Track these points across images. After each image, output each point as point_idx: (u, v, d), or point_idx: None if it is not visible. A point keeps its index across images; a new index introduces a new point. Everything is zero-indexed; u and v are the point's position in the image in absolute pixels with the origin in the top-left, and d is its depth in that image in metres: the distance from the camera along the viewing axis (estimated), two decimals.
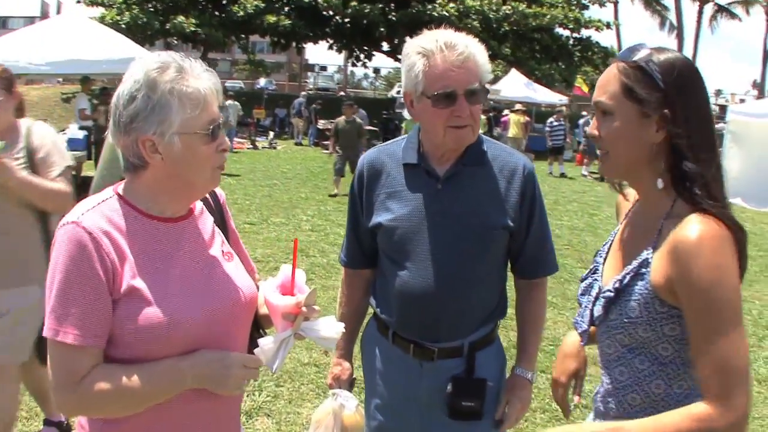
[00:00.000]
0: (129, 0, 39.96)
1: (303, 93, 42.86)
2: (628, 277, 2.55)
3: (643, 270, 2.50)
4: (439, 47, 3.14)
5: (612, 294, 2.58)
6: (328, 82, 76.48)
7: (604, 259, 2.88)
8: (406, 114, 20.54)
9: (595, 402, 2.91)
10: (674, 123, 2.43)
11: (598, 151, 2.68)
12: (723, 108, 52.55)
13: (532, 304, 3.68)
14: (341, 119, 21.67)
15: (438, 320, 3.40)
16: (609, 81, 2.55)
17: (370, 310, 3.81)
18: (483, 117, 31.70)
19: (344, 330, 2.68)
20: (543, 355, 8.40)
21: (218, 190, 2.98)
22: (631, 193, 2.91)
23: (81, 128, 19.95)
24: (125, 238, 2.46)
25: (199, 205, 2.78)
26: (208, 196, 2.90)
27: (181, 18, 39.39)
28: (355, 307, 3.85)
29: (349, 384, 3.82)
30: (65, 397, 2.40)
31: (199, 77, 2.48)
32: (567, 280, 11.92)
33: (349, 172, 19.50)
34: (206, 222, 2.78)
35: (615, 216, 3.09)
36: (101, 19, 35.07)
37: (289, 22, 40.61)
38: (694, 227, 2.34)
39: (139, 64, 2.47)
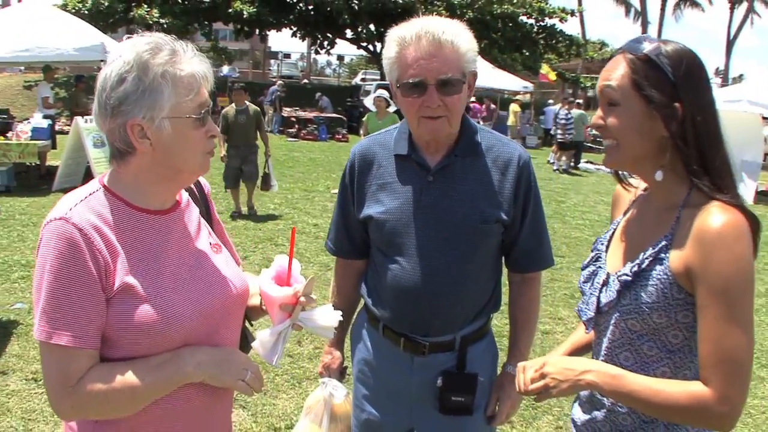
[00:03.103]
0: None
1: (280, 82, 42.42)
2: (646, 262, 2.52)
3: (662, 255, 2.49)
4: (414, 35, 3.04)
5: (629, 278, 2.55)
6: (292, 69, 76.09)
7: (606, 248, 2.86)
8: (370, 105, 17.82)
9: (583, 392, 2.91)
10: (683, 116, 2.41)
11: (605, 142, 2.63)
12: None
13: (524, 300, 3.61)
14: (230, 108, 15.87)
15: (430, 315, 3.34)
16: (617, 73, 2.51)
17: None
18: None
19: (342, 318, 2.64)
20: None
21: (203, 181, 2.91)
22: (633, 186, 2.91)
23: (45, 117, 19.74)
24: (115, 232, 2.36)
25: (185, 196, 2.69)
26: (193, 187, 2.83)
27: (142, 11, 39.18)
28: (346, 297, 3.78)
29: (340, 373, 3.81)
30: (62, 401, 2.31)
31: (191, 61, 2.40)
32: None
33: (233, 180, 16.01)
34: (192, 214, 2.69)
35: (612, 206, 3.08)
36: (64, 6, 34.84)
37: (254, 9, 40.32)
38: (717, 217, 2.34)
39: (129, 44, 2.37)
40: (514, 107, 33.34)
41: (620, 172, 2.89)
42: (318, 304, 2.64)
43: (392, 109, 15.92)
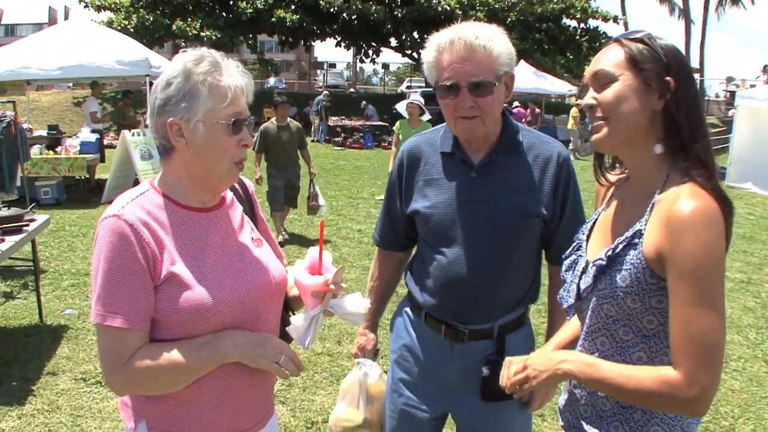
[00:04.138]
0: (136, 3, 40.17)
1: (325, 92, 42.44)
2: (620, 246, 2.55)
3: (636, 240, 2.51)
4: (448, 41, 3.21)
5: (604, 262, 2.58)
6: (338, 79, 76.37)
7: (588, 237, 2.91)
8: (402, 110, 16.14)
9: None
10: (675, 92, 2.46)
11: (596, 123, 2.62)
12: (733, 94, 52.41)
13: None
14: (270, 125, 13.92)
15: (470, 304, 3.49)
16: (610, 53, 2.57)
17: (404, 290, 3.89)
18: None
19: (370, 306, 2.85)
20: None
21: (248, 182, 3.20)
22: (610, 179, 2.94)
23: (93, 131, 20.15)
24: (163, 227, 2.63)
25: (229, 195, 2.97)
26: (238, 187, 3.11)
27: (181, 22, 39.56)
28: (385, 284, 4.00)
29: (374, 354, 3.99)
30: (114, 377, 2.57)
31: (232, 74, 2.65)
32: None
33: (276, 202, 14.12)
34: (236, 211, 2.96)
35: (596, 201, 3.09)
36: (109, 24, 35.31)
37: (297, 17, 40.58)
38: (687, 203, 2.35)
39: (181, 56, 2.67)
40: (573, 112, 33.36)
41: (602, 164, 2.91)
42: (348, 292, 2.84)
43: (426, 117, 15.25)
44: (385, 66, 67.73)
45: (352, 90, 62.80)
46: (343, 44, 48.06)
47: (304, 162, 14.28)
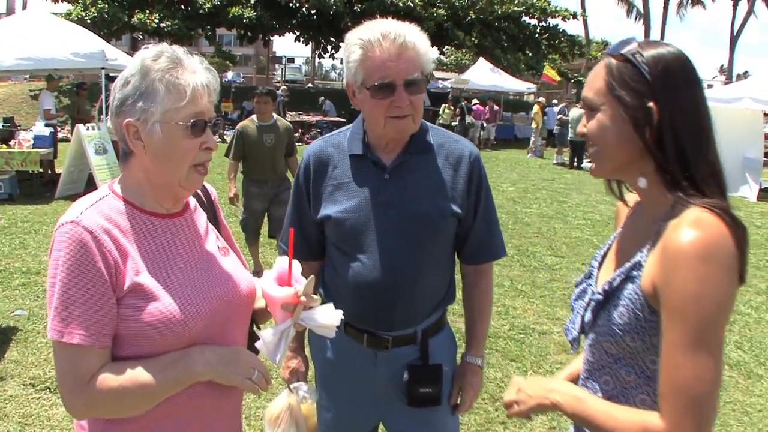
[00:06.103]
0: None
1: (283, 87, 42.23)
2: (618, 280, 2.37)
3: (635, 273, 2.31)
4: (377, 38, 3.11)
5: (601, 297, 2.41)
6: (296, 74, 76.42)
7: (600, 264, 2.70)
8: None
9: None
10: (660, 118, 2.24)
11: (589, 150, 2.48)
12: None
13: (478, 290, 3.72)
14: (249, 123, 10.59)
15: (392, 309, 3.41)
16: (596, 77, 2.40)
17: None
18: (455, 110, 32.06)
19: (343, 317, 2.67)
20: (513, 343, 8.53)
21: (210, 187, 3.02)
22: (631, 198, 2.70)
23: (47, 125, 19.85)
24: (125, 235, 2.45)
25: (192, 201, 2.79)
26: (200, 193, 2.93)
27: (141, 15, 39.35)
28: None
29: (306, 376, 3.84)
30: (74, 399, 2.37)
31: (194, 72, 2.49)
32: (536, 268, 11.99)
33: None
34: (200, 218, 2.80)
35: (616, 222, 2.86)
36: (68, 16, 35.00)
37: (255, 14, 40.49)
38: (688, 231, 2.10)
39: (141, 52, 2.50)
40: (535, 110, 33.49)
41: (612, 186, 2.66)
42: (319, 304, 2.68)
43: None
44: None
45: (310, 85, 62.82)
46: (301, 39, 48.08)
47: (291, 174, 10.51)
